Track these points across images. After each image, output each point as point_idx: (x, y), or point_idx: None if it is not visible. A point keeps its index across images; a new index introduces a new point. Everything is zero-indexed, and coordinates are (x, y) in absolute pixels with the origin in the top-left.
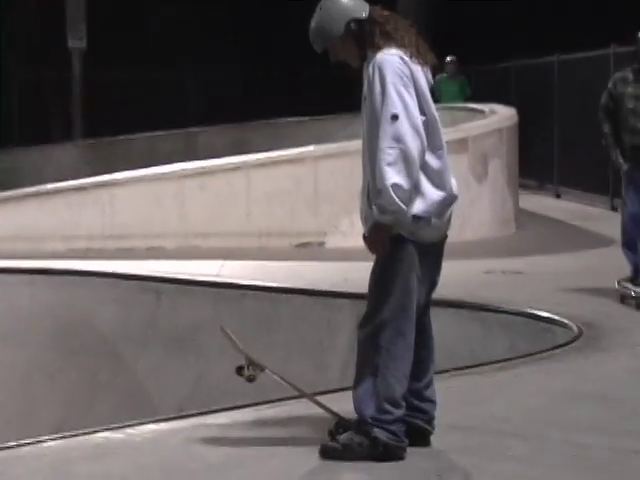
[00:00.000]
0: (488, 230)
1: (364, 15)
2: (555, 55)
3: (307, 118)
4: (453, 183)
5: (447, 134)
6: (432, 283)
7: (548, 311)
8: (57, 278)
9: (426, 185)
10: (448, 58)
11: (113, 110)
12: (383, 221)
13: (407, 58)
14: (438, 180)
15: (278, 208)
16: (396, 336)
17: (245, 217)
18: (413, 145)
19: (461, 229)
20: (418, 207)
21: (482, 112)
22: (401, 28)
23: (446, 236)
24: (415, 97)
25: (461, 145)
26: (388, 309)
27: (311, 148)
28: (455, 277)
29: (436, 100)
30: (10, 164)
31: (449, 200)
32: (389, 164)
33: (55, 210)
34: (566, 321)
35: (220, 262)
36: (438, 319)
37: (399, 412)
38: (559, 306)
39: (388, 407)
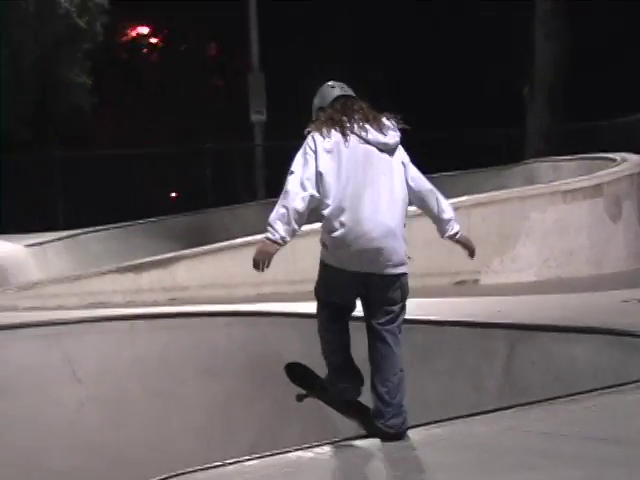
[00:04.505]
0: (624, 264)
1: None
2: None
3: (458, 172)
4: (364, 221)
5: (584, 181)
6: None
7: None
8: (250, 319)
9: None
10: None
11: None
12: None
13: (319, 138)
14: (332, 222)
15: (437, 251)
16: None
17: (408, 261)
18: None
19: (599, 264)
20: (324, 238)
21: (614, 160)
22: (331, 115)
23: (372, 273)
24: (314, 162)
25: (597, 190)
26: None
27: (463, 198)
28: (596, 306)
29: None
30: (205, 223)
31: (345, 235)
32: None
33: (245, 260)
34: None
35: None
36: (582, 344)
37: None
38: None
39: None
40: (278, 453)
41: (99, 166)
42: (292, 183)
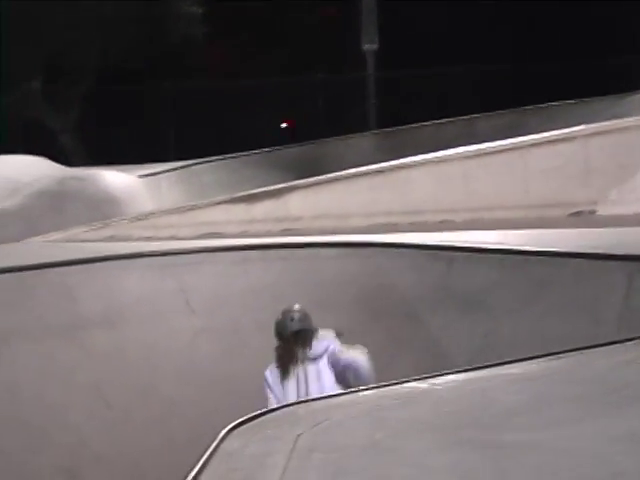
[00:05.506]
0: None
1: None
2: None
3: (575, 101)
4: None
5: None
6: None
7: None
8: (361, 250)
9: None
10: None
11: (401, 102)
12: None
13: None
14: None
15: (552, 182)
16: None
17: (523, 191)
18: None
19: None
20: None
21: None
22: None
23: None
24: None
25: None
26: None
27: (581, 127)
28: None
29: None
30: (318, 153)
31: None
32: None
33: (358, 191)
34: None
35: (502, 231)
36: None
37: None
38: None
39: None
40: (392, 384)
41: (210, 97)
42: None
